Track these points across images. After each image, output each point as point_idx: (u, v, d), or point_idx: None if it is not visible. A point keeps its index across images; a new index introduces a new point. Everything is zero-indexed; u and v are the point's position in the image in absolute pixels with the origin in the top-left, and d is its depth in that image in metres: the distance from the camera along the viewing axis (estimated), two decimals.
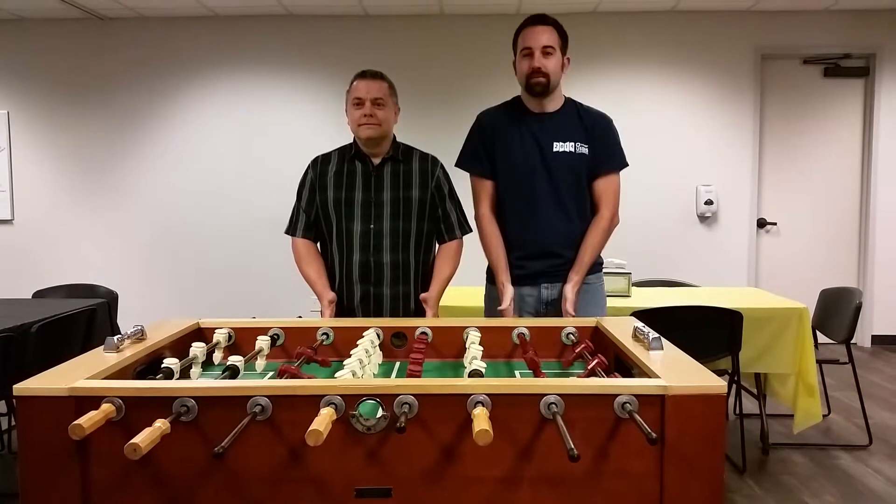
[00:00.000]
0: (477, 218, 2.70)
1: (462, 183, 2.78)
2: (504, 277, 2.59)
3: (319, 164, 2.71)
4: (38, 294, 4.35)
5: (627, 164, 2.71)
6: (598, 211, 2.64)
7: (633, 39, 6.17)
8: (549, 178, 2.58)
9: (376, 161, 2.65)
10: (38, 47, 6.24)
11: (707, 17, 6.15)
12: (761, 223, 6.32)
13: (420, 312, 2.60)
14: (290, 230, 2.74)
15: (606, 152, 2.64)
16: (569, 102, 2.68)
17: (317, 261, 2.70)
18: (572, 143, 2.59)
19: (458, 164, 2.74)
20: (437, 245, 2.75)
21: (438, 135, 5.85)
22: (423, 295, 2.61)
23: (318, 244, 2.75)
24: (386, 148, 2.66)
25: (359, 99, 2.58)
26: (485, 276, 2.77)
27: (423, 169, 2.67)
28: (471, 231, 2.74)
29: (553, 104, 2.64)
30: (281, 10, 6.02)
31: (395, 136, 2.70)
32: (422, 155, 2.72)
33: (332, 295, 2.59)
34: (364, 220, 2.61)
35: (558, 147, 2.59)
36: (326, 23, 6.18)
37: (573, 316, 2.48)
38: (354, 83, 2.62)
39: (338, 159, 2.70)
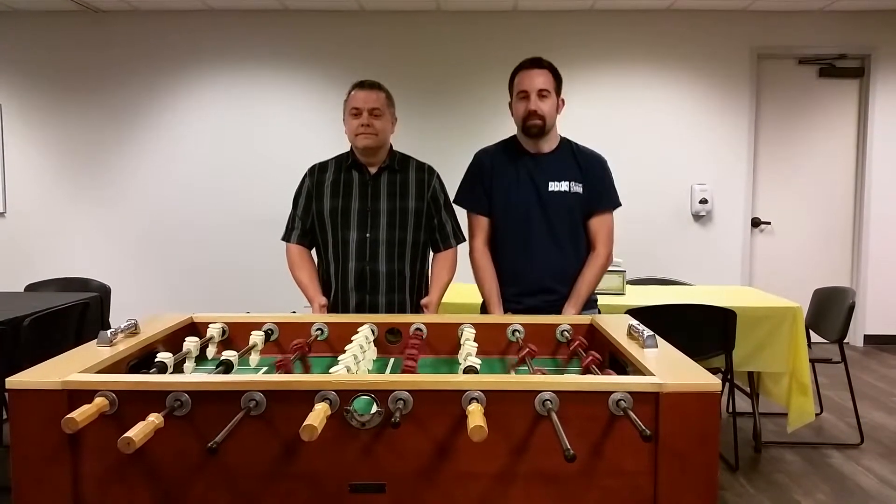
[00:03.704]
0: (471, 252, 2.73)
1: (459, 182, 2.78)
2: (497, 311, 2.64)
3: (316, 173, 2.72)
4: (31, 287, 4.33)
5: (620, 204, 2.76)
6: (595, 248, 2.69)
7: (628, 38, 6.17)
8: (545, 216, 2.63)
9: (373, 170, 2.66)
10: (32, 40, 6.20)
11: (703, 16, 6.16)
12: (755, 222, 6.34)
13: None
14: (286, 237, 2.75)
15: (601, 192, 2.69)
16: (564, 142, 2.73)
17: (309, 266, 2.71)
18: (567, 183, 2.64)
19: (455, 202, 2.78)
20: (431, 254, 2.76)
21: (434, 131, 5.89)
22: (423, 300, 2.64)
23: (314, 251, 2.76)
24: (383, 157, 2.66)
25: (356, 109, 2.58)
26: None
27: (419, 178, 2.68)
28: (465, 240, 2.77)
29: (548, 145, 2.68)
30: (277, 4, 6.00)
31: (391, 146, 2.71)
32: (418, 164, 2.73)
33: (323, 300, 2.60)
34: (360, 228, 2.61)
35: (553, 187, 2.63)
36: (322, 18, 6.16)
37: None
38: (352, 93, 2.63)
39: (335, 168, 2.70)
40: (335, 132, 3.34)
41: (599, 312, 2.73)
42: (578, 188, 2.65)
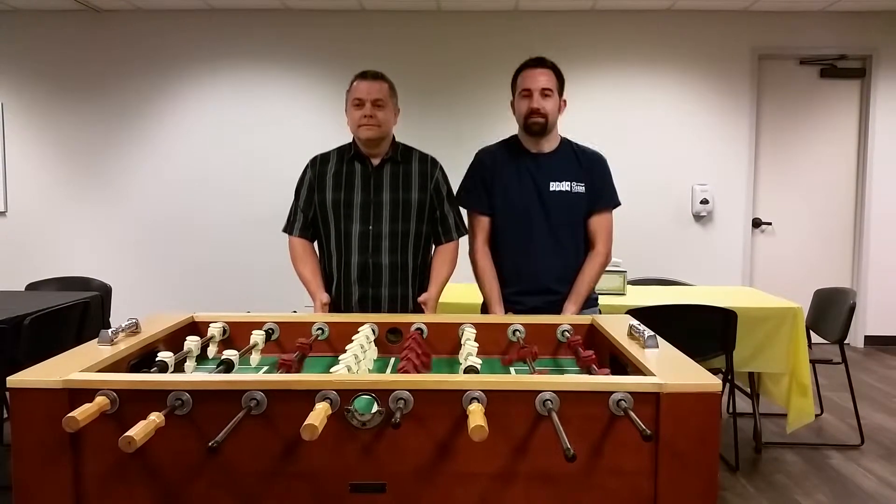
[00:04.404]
0: (471, 252, 2.73)
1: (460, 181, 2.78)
2: (498, 309, 2.64)
3: (318, 164, 2.69)
4: (32, 286, 4.33)
5: (620, 203, 2.76)
6: (594, 247, 2.70)
7: (629, 38, 6.17)
8: (546, 216, 2.63)
9: (375, 162, 2.64)
10: (33, 39, 6.20)
11: (704, 16, 6.16)
12: (756, 223, 6.34)
13: (418, 313, 2.60)
14: (288, 228, 2.73)
15: (601, 191, 2.70)
16: (564, 142, 2.74)
17: (312, 261, 2.69)
18: (568, 183, 2.65)
19: (455, 201, 2.77)
20: (433, 246, 2.75)
21: (434, 131, 5.88)
22: (421, 297, 2.61)
23: (316, 244, 2.74)
24: (385, 149, 2.65)
25: (359, 100, 2.56)
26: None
27: (422, 170, 2.67)
28: (467, 233, 2.76)
29: (549, 144, 2.69)
30: (277, 3, 6.00)
31: (394, 137, 2.69)
32: (421, 156, 2.71)
33: (326, 297, 2.58)
34: (363, 221, 2.59)
35: (555, 186, 2.64)
36: (323, 17, 6.16)
37: None
38: (355, 84, 2.61)
39: (337, 160, 2.68)
40: (336, 131, 3.34)
41: (600, 312, 2.73)
42: (580, 188, 2.65)
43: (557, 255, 2.64)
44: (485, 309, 2.74)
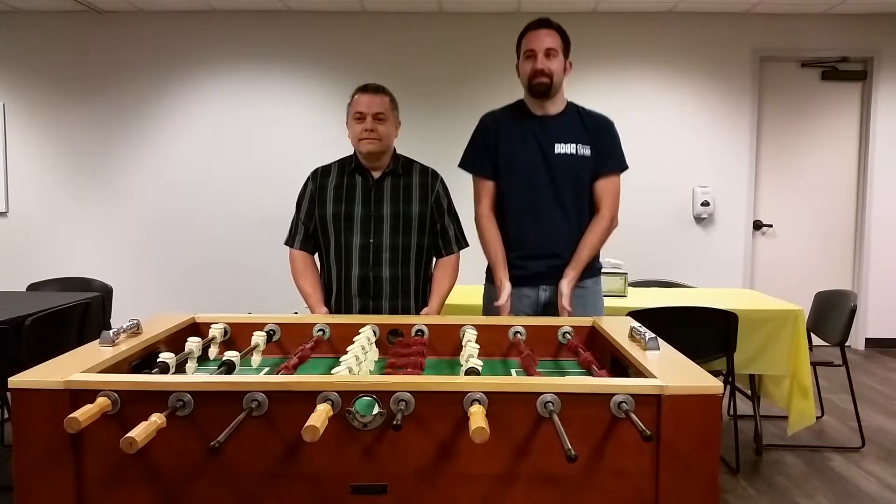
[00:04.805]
0: (477, 217, 2.71)
1: (460, 196, 2.77)
2: (502, 274, 2.60)
3: (319, 177, 2.70)
4: (33, 287, 4.33)
5: (627, 167, 2.74)
6: (599, 211, 2.66)
7: (631, 40, 6.17)
8: (551, 179, 2.60)
9: (376, 175, 2.64)
10: (35, 39, 6.21)
11: (706, 18, 6.16)
12: (757, 225, 6.34)
13: None
14: (289, 241, 2.73)
15: (607, 154, 2.67)
16: (570, 105, 2.71)
17: (313, 274, 2.69)
18: (574, 145, 2.61)
19: (461, 165, 2.75)
20: (434, 259, 2.75)
21: (436, 132, 5.88)
22: (423, 311, 2.61)
23: (317, 256, 2.74)
24: (386, 162, 2.65)
25: (360, 113, 2.56)
26: (483, 275, 2.78)
27: (423, 183, 2.66)
28: (468, 246, 2.75)
29: (555, 107, 2.66)
30: (279, 5, 6.01)
31: (395, 150, 2.69)
32: (422, 168, 2.71)
33: (325, 311, 2.59)
34: (364, 234, 2.60)
35: (560, 149, 2.61)
36: (324, 19, 6.16)
37: (570, 311, 2.49)
38: (356, 97, 2.61)
39: (337, 172, 2.68)
40: (337, 132, 3.34)
41: (600, 281, 2.72)
42: (586, 150, 2.62)
43: (563, 219, 2.61)
44: (490, 274, 2.71)
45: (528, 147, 2.62)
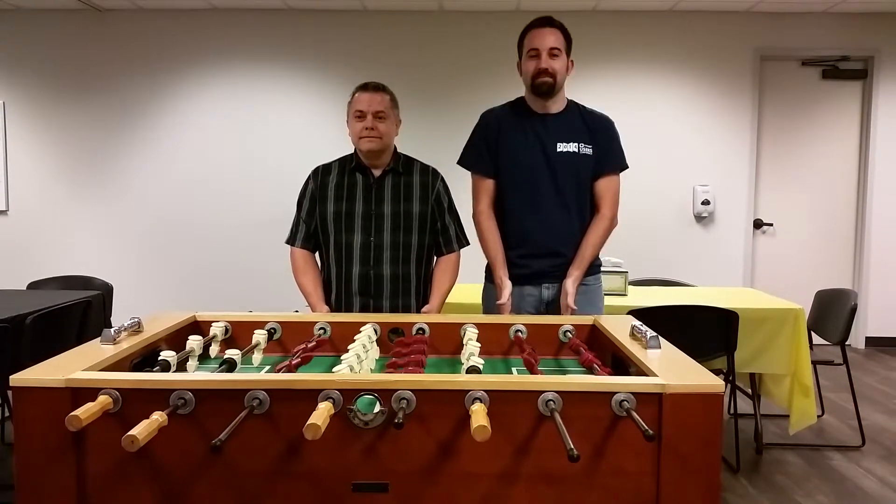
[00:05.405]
0: (475, 214, 2.70)
1: (460, 195, 2.76)
2: (502, 272, 2.60)
3: (320, 175, 2.70)
4: (33, 285, 4.33)
5: (628, 166, 2.74)
6: (599, 210, 2.66)
7: (631, 39, 6.17)
8: (553, 177, 2.60)
9: (377, 173, 2.64)
10: (36, 38, 6.20)
11: (706, 17, 6.16)
12: (758, 224, 6.34)
13: None
14: (290, 240, 2.73)
15: (608, 153, 2.67)
16: (571, 104, 2.71)
17: (314, 273, 2.69)
18: (576, 144, 2.61)
19: (459, 162, 2.75)
20: (434, 258, 2.75)
21: (436, 131, 5.87)
22: (423, 309, 2.61)
23: (317, 254, 2.75)
24: (386, 160, 2.65)
25: (360, 112, 2.56)
26: (483, 274, 2.77)
27: (423, 181, 2.67)
28: (468, 244, 2.75)
29: (557, 105, 2.66)
30: (280, 3, 6.00)
31: (395, 148, 2.69)
32: (422, 167, 2.71)
33: (326, 309, 2.59)
34: (364, 232, 2.60)
35: (562, 147, 2.61)
36: (325, 18, 6.16)
37: (573, 310, 2.49)
38: (356, 95, 2.61)
39: (338, 170, 2.68)
40: (338, 131, 3.34)
41: (601, 278, 2.72)
42: (588, 150, 2.62)
43: (564, 218, 2.61)
44: (489, 271, 2.71)
45: (531, 145, 2.62)
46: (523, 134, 2.63)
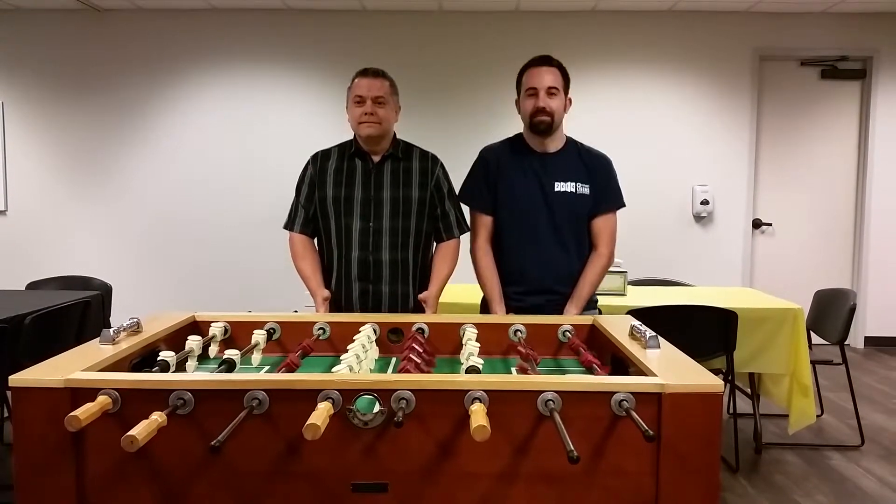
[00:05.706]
0: (473, 250, 2.72)
1: (459, 184, 2.77)
2: (499, 308, 2.63)
3: (319, 160, 2.70)
4: (32, 285, 4.33)
5: (625, 205, 2.75)
6: (597, 248, 2.69)
7: (630, 39, 6.17)
8: (551, 216, 2.62)
9: (376, 159, 2.64)
10: (35, 38, 6.20)
11: (705, 17, 6.16)
12: (757, 224, 6.34)
13: (419, 311, 2.60)
14: (289, 225, 2.72)
15: (606, 192, 2.69)
16: (570, 142, 2.72)
17: (313, 257, 2.69)
18: (574, 184, 2.63)
19: (459, 195, 2.76)
20: (434, 244, 2.75)
21: (436, 131, 5.87)
22: (422, 295, 2.61)
23: (316, 240, 2.74)
24: (386, 146, 2.65)
25: (360, 97, 2.56)
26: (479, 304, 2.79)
27: (423, 167, 2.66)
28: (468, 230, 2.75)
29: (555, 144, 2.68)
30: (279, 3, 6.00)
31: (395, 134, 2.69)
32: (422, 153, 2.71)
33: (326, 293, 2.58)
34: (363, 217, 2.59)
35: (560, 187, 2.63)
36: (324, 17, 6.16)
37: None
38: (356, 81, 2.61)
39: (338, 156, 2.68)
40: (337, 131, 3.34)
41: (600, 312, 2.73)
42: (585, 189, 2.64)
43: (561, 256, 2.63)
44: (484, 305, 2.73)
45: (529, 184, 2.64)
46: (522, 172, 2.65)
